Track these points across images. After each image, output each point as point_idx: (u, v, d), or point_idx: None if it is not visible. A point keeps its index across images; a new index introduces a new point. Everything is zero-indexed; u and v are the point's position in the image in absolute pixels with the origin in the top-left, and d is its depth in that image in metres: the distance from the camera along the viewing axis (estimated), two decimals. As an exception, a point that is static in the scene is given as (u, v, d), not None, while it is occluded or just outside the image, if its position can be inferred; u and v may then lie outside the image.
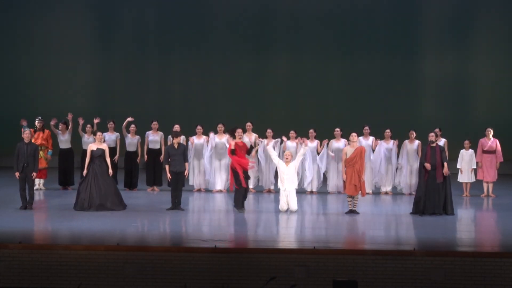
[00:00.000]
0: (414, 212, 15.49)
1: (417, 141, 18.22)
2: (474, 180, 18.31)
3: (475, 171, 18.29)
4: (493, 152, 18.21)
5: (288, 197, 15.68)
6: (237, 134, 16.14)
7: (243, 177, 15.68)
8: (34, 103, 23.72)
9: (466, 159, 18.24)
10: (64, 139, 18.66)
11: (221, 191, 18.49)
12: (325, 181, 18.74)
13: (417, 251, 11.70)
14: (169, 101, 24.65)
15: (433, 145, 15.62)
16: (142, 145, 18.79)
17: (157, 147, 18.62)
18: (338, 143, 18.39)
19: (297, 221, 14.88)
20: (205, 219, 15.51)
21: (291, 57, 24.36)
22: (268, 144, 17.03)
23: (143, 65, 24.68)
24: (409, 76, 24.20)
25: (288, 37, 24.40)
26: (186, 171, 15.99)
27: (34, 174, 15.68)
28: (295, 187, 15.93)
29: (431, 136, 15.72)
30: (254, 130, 18.69)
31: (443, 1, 24.31)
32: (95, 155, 15.71)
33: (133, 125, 18.73)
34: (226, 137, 18.33)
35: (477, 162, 18.18)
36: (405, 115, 23.48)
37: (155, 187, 18.69)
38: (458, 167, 18.28)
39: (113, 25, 24.85)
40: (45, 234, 13.59)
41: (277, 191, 17.09)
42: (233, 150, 15.89)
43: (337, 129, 18.49)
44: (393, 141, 18.47)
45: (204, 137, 18.63)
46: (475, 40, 24.22)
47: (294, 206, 15.65)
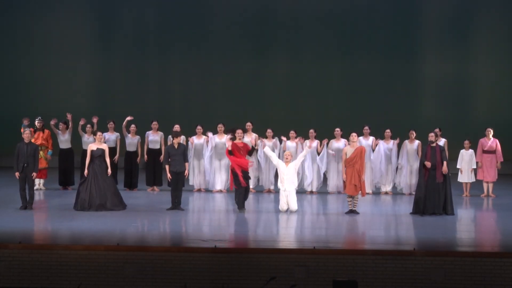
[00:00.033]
0: (414, 212, 15.49)
1: (417, 141, 18.22)
2: (474, 180, 18.32)
3: (475, 171, 18.29)
4: (493, 152, 18.20)
5: (288, 197, 15.67)
6: (237, 134, 16.14)
7: (242, 177, 15.68)
8: (34, 103, 23.70)
9: (466, 159, 18.24)
10: (64, 139, 18.66)
11: (221, 191, 18.49)
12: (325, 181, 18.74)
13: (417, 251, 11.69)
14: (169, 101, 24.64)
15: (433, 145, 15.61)
16: (142, 145, 18.79)
17: (157, 147, 18.62)
18: (338, 143, 18.39)
19: (297, 221, 14.88)
20: (205, 219, 15.51)
21: (291, 57, 24.36)
22: (264, 147, 16.96)
23: (143, 65, 24.67)
24: (409, 76, 24.20)
25: (288, 37, 24.39)
26: (186, 171, 16.00)
27: (34, 174, 15.68)
28: (295, 187, 15.94)
29: (431, 136, 15.71)
30: (254, 130, 18.70)
31: (443, 1, 24.30)
32: (95, 155, 15.71)
33: (133, 125, 18.73)
34: (226, 137, 18.34)
35: (477, 162, 18.18)
36: (405, 115, 23.48)
37: (155, 187, 18.69)
38: (458, 167, 18.28)
39: (113, 25, 24.85)
40: (45, 234, 13.58)
41: (277, 191, 17.08)
42: (230, 151, 15.89)
43: (337, 129, 18.49)
44: (393, 141, 18.47)
45: (204, 137, 18.64)
46: (475, 40, 24.22)
47: (294, 206, 15.65)
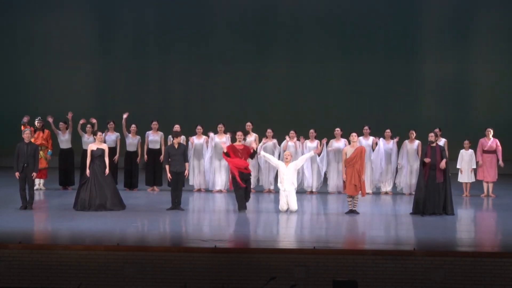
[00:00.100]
0: (414, 212, 15.48)
1: (417, 141, 18.21)
2: (474, 180, 18.32)
3: (475, 171, 18.29)
4: (493, 152, 18.21)
5: (288, 197, 15.66)
6: (237, 137, 16.12)
7: (240, 178, 15.65)
8: (34, 103, 23.68)
9: (466, 159, 18.24)
10: (65, 139, 18.66)
11: (221, 191, 18.49)
12: (325, 181, 18.74)
13: (417, 251, 11.69)
14: (169, 101, 24.64)
15: (433, 145, 15.61)
16: (142, 145, 18.79)
17: (157, 147, 18.62)
18: (338, 143, 18.39)
19: (297, 221, 14.88)
20: (205, 219, 15.50)
21: (291, 57, 24.35)
22: (259, 153, 16.98)
23: (143, 65, 24.67)
24: (409, 76, 24.19)
25: (288, 37, 24.38)
26: (186, 171, 16.00)
27: (34, 174, 15.68)
28: (295, 188, 15.93)
29: (431, 136, 15.71)
30: (254, 130, 18.71)
31: (443, 1, 24.30)
32: (95, 155, 15.71)
33: (133, 125, 18.73)
34: (226, 137, 18.35)
35: (477, 162, 18.18)
36: (405, 115, 23.47)
37: (155, 187, 18.69)
38: (458, 167, 18.28)
39: (113, 25, 24.85)
40: (45, 234, 13.58)
41: (277, 191, 17.08)
42: (226, 153, 15.88)
43: (337, 129, 18.49)
44: (392, 140, 18.47)
45: (204, 137, 18.63)
46: (475, 40, 24.21)
47: (294, 206, 15.64)
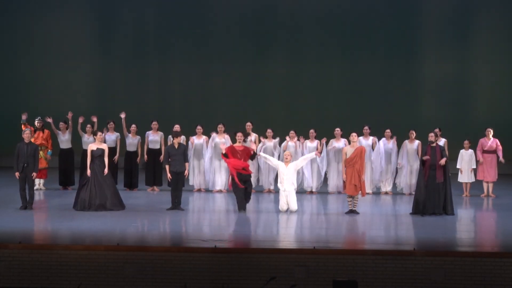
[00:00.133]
0: (414, 212, 15.47)
1: (417, 141, 18.21)
2: (474, 180, 18.32)
3: (475, 171, 18.29)
4: (493, 152, 18.21)
5: (288, 197, 15.66)
6: (237, 138, 16.11)
7: (238, 179, 15.64)
8: (34, 103, 23.67)
9: (466, 159, 18.24)
10: (65, 139, 18.66)
11: (221, 191, 18.49)
12: (325, 181, 18.74)
13: (417, 251, 11.69)
14: (169, 101, 24.65)
15: (433, 145, 15.61)
16: (142, 145, 18.79)
17: (157, 147, 18.62)
18: (338, 143, 18.39)
19: (297, 221, 14.87)
20: (205, 219, 15.50)
21: (291, 57, 24.35)
22: (259, 155, 16.96)
23: (143, 65, 24.67)
24: (409, 76, 24.19)
25: (288, 37, 24.39)
26: (186, 171, 15.99)
27: (34, 174, 15.67)
28: (295, 188, 15.93)
29: (431, 136, 15.70)
30: (254, 130, 18.71)
31: (443, 1, 24.30)
32: (95, 155, 15.70)
33: (134, 125, 18.73)
34: (226, 137, 18.35)
35: (477, 161, 18.16)
36: (405, 115, 23.47)
37: (155, 187, 18.69)
38: (458, 167, 18.28)
39: (113, 25, 24.85)
40: (45, 234, 13.58)
41: (277, 191, 17.07)
42: (225, 154, 15.87)
43: (337, 129, 18.49)
44: (392, 140, 18.46)
45: (204, 137, 18.63)
46: (475, 40, 24.21)
47: (294, 206, 15.64)
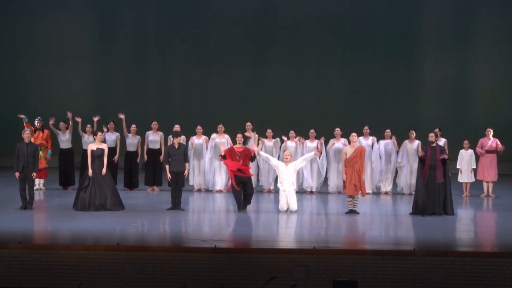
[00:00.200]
0: (414, 212, 15.47)
1: (417, 141, 18.21)
2: (474, 180, 18.32)
3: (474, 171, 18.30)
4: (493, 152, 18.21)
5: (288, 198, 15.66)
6: (237, 139, 16.10)
7: (237, 181, 15.65)
8: (34, 103, 23.69)
9: (466, 159, 18.24)
10: (65, 139, 18.66)
11: (221, 191, 18.50)
12: (325, 181, 18.74)
13: (417, 251, 11.69)
14: (169, 101, 24.65)
15: (433, 145, 15.61)
16: (142, 145, 18.79)
17: (157, 147, 18.62)
18: (338, 143, 18.39)
19: (297, 221, 14.87)
20: (205, 219, 15.50)
21: (291, 57, 24.36)
22: (259, 153, 16.95)
23: (143, 65, 24.68)
24: (409, 76, 24.21)
25: (288, 37, 24.40)
26: (185, 171, 15.97)
27: (34, 174, 15.67)
28: (295, 188, 15.93)
29: (431, 136, 15.70)
30: (254, 130, 18.69)
31: (443, 1, 24.31)
32: (95, 155, 15.70)
33: (134, 125, 18.73)
34: (226, 137, 18.35)
35: (477, 159, 18.16)
36: (405, 115, 23.49)
37: (155, 187, 18.69)
38: (458, 167, 18.28)
39: (113, 25, 24.86)
40: (45, 234, 13.57)
41: (277, 191, 17.07)
42: (224, 155, 15.87)
43: (337, 129, 18.49)
44: (392, 140, 18.47)
45: (204, 137, 18.63)
46: (475, 40, 24.22)
47: (294, 206, 15.63)
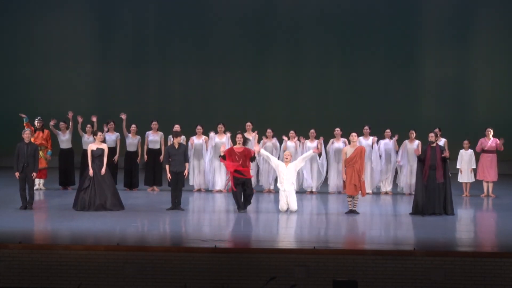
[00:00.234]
0: (414, 212, 15.47)
1: (417, 141, 18.21)
2: (473, 180, 18.33)
3: (474, 171, 18.31)
4: (493, 152, 18.21)
5: (288, 198, 15.65)
6: (237, 139, 16.09)
7: (234, 183, 15.65)
8: (34, 103, 23.69)
9: (466, 159, 18.25)
10: (65, 139, 18.66)
11: (221, 191, 18.50)
12: (325, 181, 18.73)
13: (417, 251, 11.69)
14: (169, 101, 24.65)
15: (433, 145, 15.61)
16: (142, 145, 18.79)
17: (157, 147, 18.62)
18: (338, 143, 18.39)
19: (297, 221, 14.87)
20: (205, 219, 15.50)
21: (291, 57, 24.36)
22: (259, 151, 16.91)
23: (143, 65, 24.67)
24: (409, 76, 24.21)
25: (288, 37, 24.40)
26: (185, 171, 15.96)
27: (34, 174, 15.67)
28: (295, 188, 15.92)
29: (431, 137, 15.71)
30: (254, 130, 18.69)
31: (443, 1, 24.31)
32: (95, 155, 15.70)
33: (134, 125, 18.73)
34: (226, 137, 18.35)
35: (477, 155, 18.21)
36: (405, 115, 23.49)
37: (155, 187, 18.69)
38: (458, 167, 18.29)
39: (113, 25, 24.85)
40: (45, 234, 13.57)
41: (277, 191, 17.07)
42: (223, 156, 15.87)
43: (337, 129, 18.49)
44: (392, 140, 18.47)
45: (204, 137, 18.62)
46: (475, 40, 24.22)
47: (294, 206, 15.63)
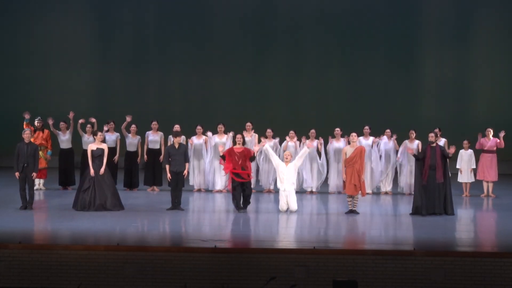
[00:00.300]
0: (414, 212, 15.47)
1: (417, 141, 18.21)
2: (473, 180, 18.33)
3: (474, 171, 18.31)
4: (493, 152, 18.21)
5: (288, 197, 15.65)
6: (237, 140, 16.09)
7: (232, 184, 15.67)
8: (34, 103, 23.66)
9: (466, 159, 18.25)
10: (65, 139, 18.66)
11: (221, 191, 18.50)
12: (325, 181, 18.73)
13: (417, 251, 11.70)
14: (169, 101, 24.65)
15: (433, 145, 15.61)
16: (142, 145, 18.80)
17: (157, 147, 18.62)
18: (338, 143, 18.39)
19: (297, 221, 14.87)
20: (205, 219, 15.51)
21: (291, 57, 24.36)
22: (258, 148, 16.83)
23: (143, 65, 24.67)
24: (409, 76, 24.21)
25: (288, 37, 24.40)
26: (185, 171, 15.96)
27: (34, 174, 15.67)
28: (295, 188, 15.93)
29: (431, 137, 15.71)
30: (254, 130, 18.69)
31: (443, 1, 24.31)
32: (95, 155, 15.71)
33: (133, 125, 18.74)
34: (226, 137, 18.35)
35: (476, 159, 18.22)
36: (405, 115, 23.49)
37: (155, 187, 18.69)
38: (458, 167, 18.29)
39: (113, 25, 24.85)
40: (45, 234, 13.57)
41: (277, 191, 17.06)
42: (223, 156, 15.88)
43: (337, 129, 18.49)
44: (392, 140, 18.47)
45: (203, 137, 18.62)
46: (475, 40, 24.22)
47: (294, 206, 15.63)
